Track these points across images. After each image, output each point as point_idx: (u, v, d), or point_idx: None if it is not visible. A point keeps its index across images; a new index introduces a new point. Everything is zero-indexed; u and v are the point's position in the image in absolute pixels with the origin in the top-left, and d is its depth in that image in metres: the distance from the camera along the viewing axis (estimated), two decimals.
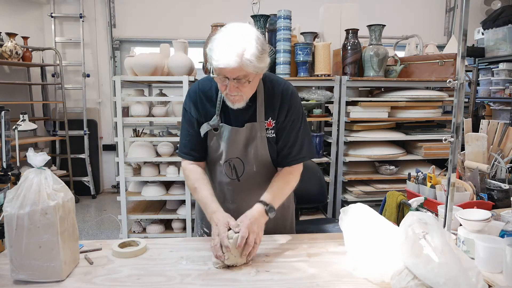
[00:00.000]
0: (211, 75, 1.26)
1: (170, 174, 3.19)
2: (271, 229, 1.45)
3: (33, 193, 1.05)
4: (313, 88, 3.29)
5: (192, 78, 3.10)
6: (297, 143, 1.43)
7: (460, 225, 1.33)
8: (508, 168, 1.89)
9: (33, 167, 1.09)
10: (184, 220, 3.22)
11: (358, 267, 1.14)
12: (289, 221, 1.61)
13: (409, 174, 2.12)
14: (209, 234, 1.55)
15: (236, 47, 1.18)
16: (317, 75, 3.04)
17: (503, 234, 1.29)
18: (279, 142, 1.44)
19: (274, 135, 1.43)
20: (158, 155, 3.21)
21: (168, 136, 3.45)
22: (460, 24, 1.17)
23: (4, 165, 1.52)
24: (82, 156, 4.82)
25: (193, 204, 3.19)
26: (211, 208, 1.33)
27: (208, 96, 1.41)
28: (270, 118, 1.41)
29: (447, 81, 1.24)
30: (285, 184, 1.42)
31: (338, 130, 3.06)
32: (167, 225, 3.35)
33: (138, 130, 3.50)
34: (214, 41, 1.22)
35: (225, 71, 1.20)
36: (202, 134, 1.42)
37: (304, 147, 1.44)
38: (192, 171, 1.45)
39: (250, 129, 1.39)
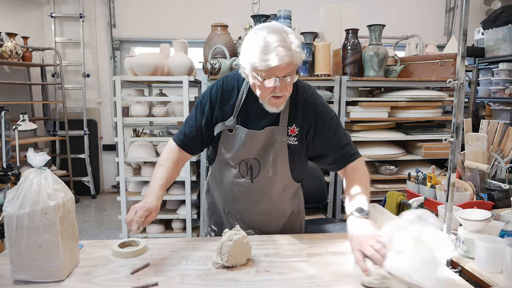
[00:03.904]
0: (258, 80, 1.21)
1: None
2: (279, 233, 1.49)
3: (33, 193, 1.05)
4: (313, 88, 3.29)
5: (192, 78, 3.10)
6: (344, 142, 1.39)
7: (460, 225, 1.33)
8: (508, 168, 1.89)
9: (33, 167, 1.09)
10: (184, 220, 3.22)
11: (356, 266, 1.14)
12: (298, 226, 1.59)
13: (409, 174, 2.12)
14: (216, 232, 1.57)
15: (283, 43, 1.15)
16: (317, 75, 3.04)
17: (503, 234, 1.30)
18: (324, 148, 1.39)
19: (296, 142, 1.38)
20: (158, 155, 3.20)
21: (168, 136, 3.45)
22: (460, 24, 1.17)
23: (4, 165, 1.52)
24: (82, 156, 4.82)
25: (193, 204, 3.19)
26: (153, 193, 1.31)
27: (229, 96, 1.39)
28: (294, 125, 1.37)
29: (447, 81, 1.24)
30: (360, 184, 1.35)
31: None
32: (167, 225, 3.35)
33: (138, 130, 3.50)
34: (253, 45, 1.18)
35: (278, 69, 1.17)
36: (215, 133, 1.41)
37: (351, 145, 1.41)
38: (172, 152, 1.45)
39: (270, 133, 1.36)
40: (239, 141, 1.38)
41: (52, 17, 4.76)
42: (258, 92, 1.27)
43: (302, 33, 3.14)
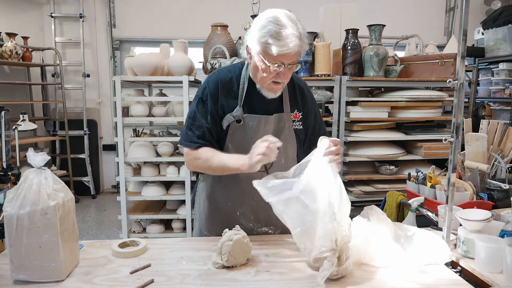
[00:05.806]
0: (265, 64, 1.24)
1: (170, 174, 3.19)
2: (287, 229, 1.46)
3: (33, 193, 1.05)
4: (313, 88, 3.29)
5: (192, 78, 3.10)
6: (324, 129, 1.53)
7: (460, 225, 1.33)
8: (508, 168, 1.89)
9: (33, 167, 1.09)
10: (184, 220, 3.22)
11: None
12: None
13: (409, 174, 2.12)
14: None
15: (295, 31, 1.20)
16: (317, 75, 3.04)
17: (503, 234, 1.30)
18: (308, 132, 1.47)
19: (301, 127, 1.44)
20: (158, 155, 3.21)
21: (168, 136, 3.45)
22: (460, 24, 1.17)
23: (4, 165, 1.52)
24: (82, 156, 4.82)
25: (193, 205, 3.19)
26: (237, 157, 1.27)
27: (229, 87, 1.38)
28: (296, 110, 1.43)
29: (447, 81, 1.24)
30: None
31: (338, 130, 3.05)
32: (167, 225, 3.35)
33: (138, 130, 3.50)
34: (266, 29, 1.20)
35: (287, 56, 1.22)
36: (224, 127, 1.38)
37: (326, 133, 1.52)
38: (203, 149, 1.36)
39: (278, 119, 1.40)
40: (250, 129, 1.37)
41: (52, 17, 4.76)
42: (259, 76, 1.30)
43: None
